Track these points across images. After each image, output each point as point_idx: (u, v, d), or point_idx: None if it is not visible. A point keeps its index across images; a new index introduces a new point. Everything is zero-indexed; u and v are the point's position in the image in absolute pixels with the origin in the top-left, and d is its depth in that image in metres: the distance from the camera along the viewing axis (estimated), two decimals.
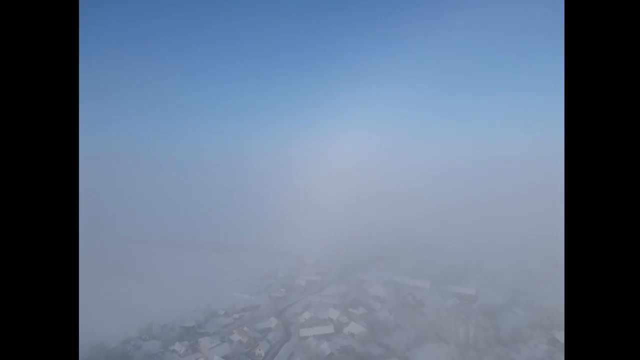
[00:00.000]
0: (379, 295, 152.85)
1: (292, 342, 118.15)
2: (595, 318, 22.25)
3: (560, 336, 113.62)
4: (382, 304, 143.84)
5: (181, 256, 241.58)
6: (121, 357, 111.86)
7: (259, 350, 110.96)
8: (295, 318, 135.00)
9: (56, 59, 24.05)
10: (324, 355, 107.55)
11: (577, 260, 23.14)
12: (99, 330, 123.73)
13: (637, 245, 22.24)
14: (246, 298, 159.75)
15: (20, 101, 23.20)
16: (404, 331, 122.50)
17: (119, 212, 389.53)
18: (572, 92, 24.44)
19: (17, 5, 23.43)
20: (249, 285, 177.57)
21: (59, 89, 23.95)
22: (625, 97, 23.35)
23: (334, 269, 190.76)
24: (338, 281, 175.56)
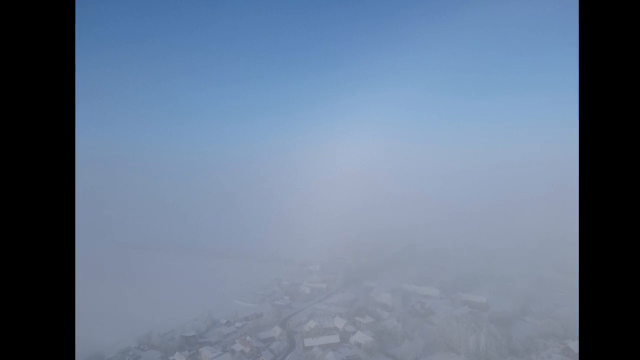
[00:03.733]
0: (386, 303, 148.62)
1: (296, 352, 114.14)
2: (611, 328, 20.64)
3: (575, 346, 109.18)
4: (390, 313, 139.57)
5: (181, 262, 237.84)
6: None
7: None
8: (299, 327, 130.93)
9: (52, 59, 23.18)
10: None
11: (592, 268, 21.40)
12: (96, 340, 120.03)
13: None
14: (249, 306, 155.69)
15: (16, 103, 22.39)
16: (413, 341, 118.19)
17: (117, 216, 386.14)
18: (587, 93, 22.72)
19: (12, 4, 22.70)
20: (251, 293, 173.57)
21: (56, 90, 23.11)
22: None
23: (339, 276, 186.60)
24: (344, 289, 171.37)
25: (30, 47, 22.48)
